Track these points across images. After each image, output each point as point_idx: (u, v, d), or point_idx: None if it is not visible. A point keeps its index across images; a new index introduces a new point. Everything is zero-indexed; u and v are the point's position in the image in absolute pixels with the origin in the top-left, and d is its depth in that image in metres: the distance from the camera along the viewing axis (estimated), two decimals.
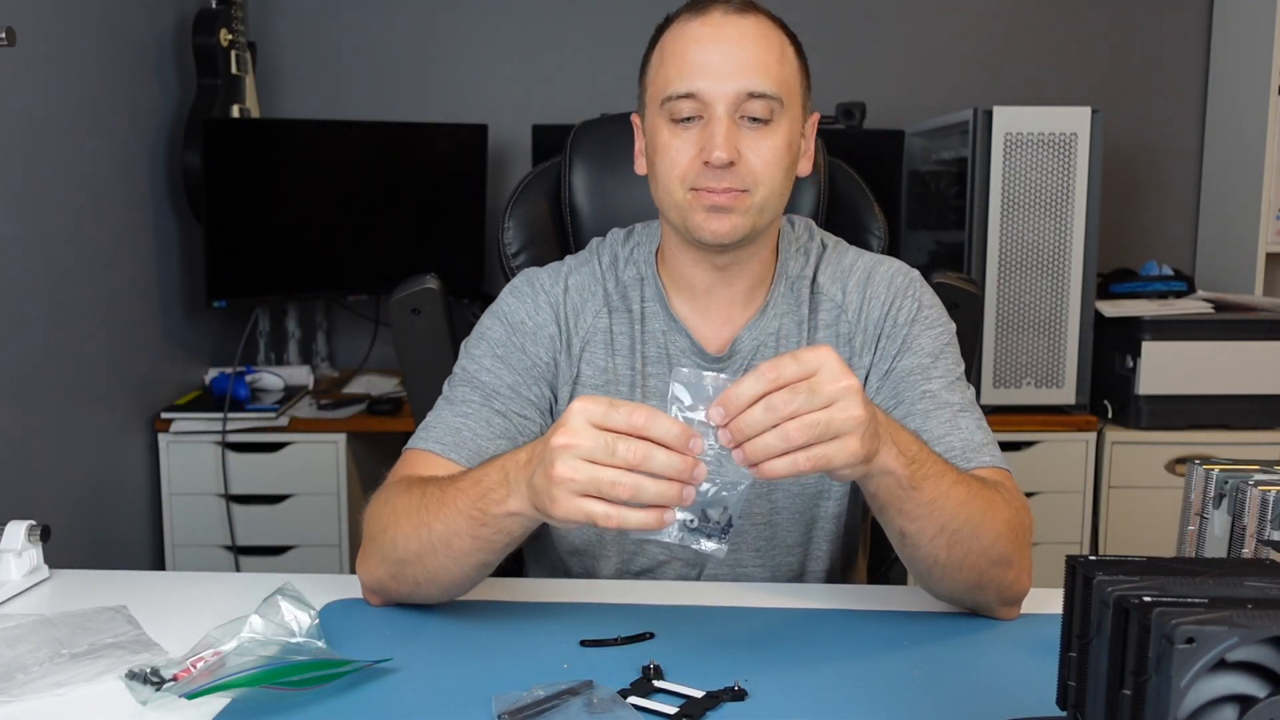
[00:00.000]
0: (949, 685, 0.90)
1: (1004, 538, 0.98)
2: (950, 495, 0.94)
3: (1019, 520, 1.01)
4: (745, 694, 0.86)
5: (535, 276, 1.22)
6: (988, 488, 1.00)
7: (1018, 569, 1.01)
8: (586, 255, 1.24)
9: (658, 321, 1.18)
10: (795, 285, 1.19)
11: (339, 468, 2.48)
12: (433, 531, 0.96)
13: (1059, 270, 2.45)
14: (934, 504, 0.93)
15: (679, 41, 1.09)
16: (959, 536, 0.95)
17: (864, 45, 2.97)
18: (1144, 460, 2.51)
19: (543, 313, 1.18)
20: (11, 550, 1.11)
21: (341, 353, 3.01)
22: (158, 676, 0.87)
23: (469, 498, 0.93)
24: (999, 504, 0.99)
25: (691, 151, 1.07)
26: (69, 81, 2.15)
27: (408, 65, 2.96)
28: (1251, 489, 0.95)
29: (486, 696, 0.85)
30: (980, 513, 0.96)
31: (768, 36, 1.08)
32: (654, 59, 1.12)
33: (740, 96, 1.06)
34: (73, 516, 2.17)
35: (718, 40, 1.07)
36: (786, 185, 1.11)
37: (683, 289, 1.18)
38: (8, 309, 1.94)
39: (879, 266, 1.20)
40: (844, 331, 1.18)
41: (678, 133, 1.08)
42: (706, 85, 1.06)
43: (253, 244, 2.55)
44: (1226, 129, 2.88)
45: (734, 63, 1.06)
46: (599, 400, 0.83)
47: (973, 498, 0.96)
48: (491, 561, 0.98)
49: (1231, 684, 0.55)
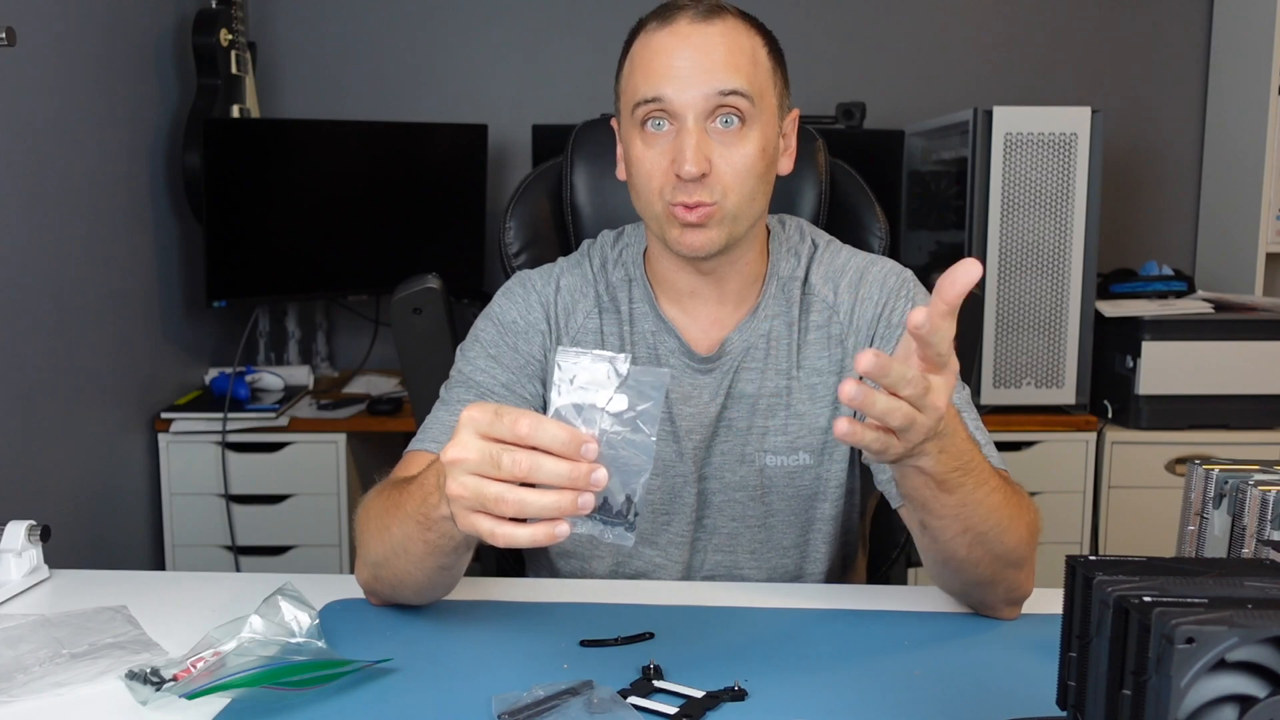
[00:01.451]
0: (949, 685, 0.90)
1: (1024, 542, 0.98)
2: (984, 502, 0.93)
3: (1036, 524, 1.02)
4: (745, 694, 0.86)
5: (527, 277, 1.23)
6: (1018, 493, 1.00)
7: (1028, 571, 1.02)
8: (578, 257, 1.24)
9: (647, 322, 1.19)
10: (786, 286, 1.19)
11: (339, 468, 2.49)
12: (392, 535, 0.96)
13: (1059, 270, 2.45)
14: (964, 507, 0.92)
15: (645, 51, 1.09)
16: (982, 539, 0.95)
17: (864, 45, 2.97)
18: (1144, 460, 2.51)
19: (534, 312, 1.19)
20: (11, 550, 1.11)
21: (341, 353, 3.01)
22: (158, 676, 0.87)
23: (415, 502, 0.92)
24: (1025, 508, 1.00)
25: (664, 163, 1.07)
26: (69, 81, 2.15)
27: (408, 65, 2.96)
28: (1251, 489, 0.95)
29: (486, 696, 0.85)
30: (1009, 519, 0.96)
31: (735, 39, 1.08)
32: (625, 67, 1.13)
33: (709, 100, 1.05)
34: (73, 516, 2.17)
35: (684, 47, 1.06)
36: (761, 189, 1.11)
37: (669, 291, 1.18)
38: (8, 309, 1.94)
39: (871, 267, 1.19)
40: (835, 333, 1.18)
41: (651, 143, 1.08)
42: (673, 91, 1.05)
43: (253, 244, 2.55)
44: (1226, 129, 2.88)
45: (700, 67, 1.05)
46: (485, 408, 0.79)
47: (1005, 504, 0.95)
48: (448, 565, 0.97)
49: (1231, 684, 0.55)
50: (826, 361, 1.17)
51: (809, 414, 1.16)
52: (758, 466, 1.17)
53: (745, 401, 1.17)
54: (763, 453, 1.16)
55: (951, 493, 0.90)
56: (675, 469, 1.17)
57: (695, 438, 1.17)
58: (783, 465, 1.17)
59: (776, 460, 1.17)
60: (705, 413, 1.16)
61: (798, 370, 1.17)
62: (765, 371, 1.17)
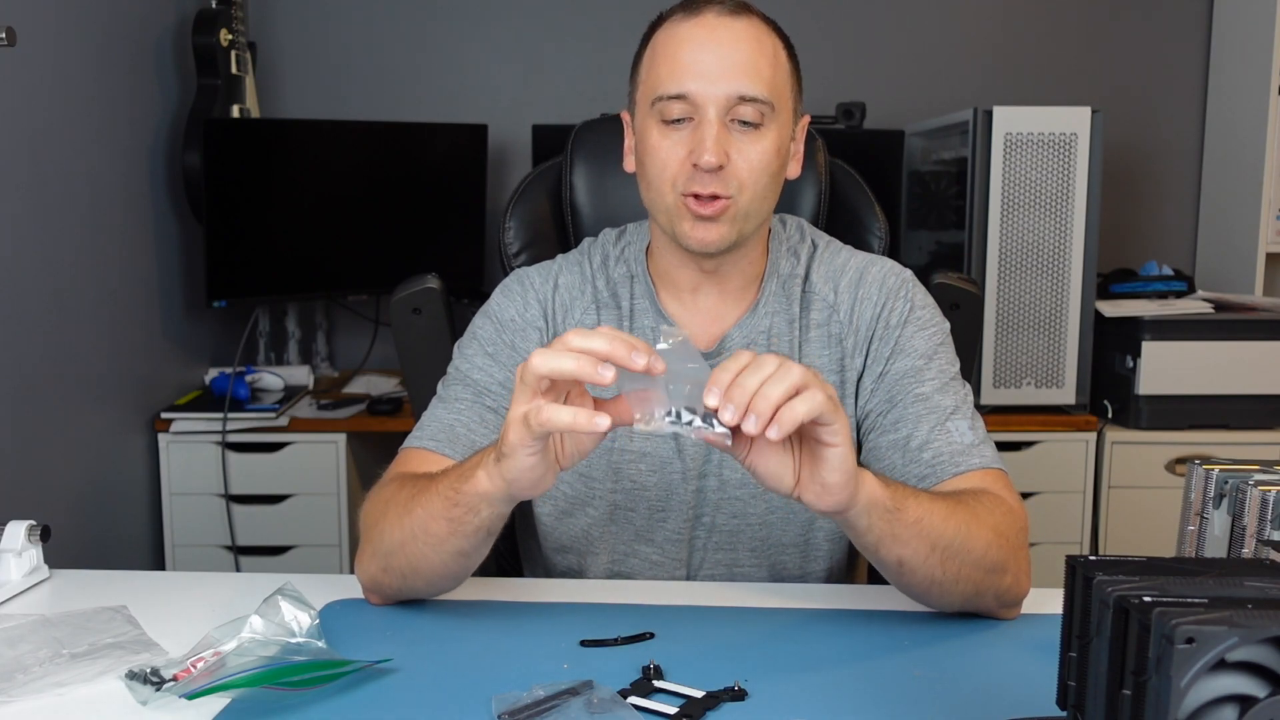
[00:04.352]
0: (949, 685, 0.90)
1: (994, 545, 0.98)
2: (933, 511, 0.95)
3: (1010, 524, 1.01)
4: (745, 694, 0.86)
5: (525, 275, 1.23)
6: (965, 499, 1.00)
7: (1014, 573, 1.01)
8: (578, 255, 1.25)
9: (646, 318, 1.19)
10: (787, 284, 1.19)
11: (339, 468, 2.49)
12: (413, 518, 0.97)
13: (1059, 270, 2.45)
14: (921, 522, 0.94)
15: (671, 42, 1.09)
16: (951, 551, 0.96)
17: (864, 45, 2.97)
18: (1144, 460, 2.51)
19: (531, 309, 1.19)
20: (11, 550, 1.11)
21: (341, 353, 3.01)
22: (158, 676, 0.87)
23: (449, 480, 0.95)
24: (983, 512, 0.99)
25: (681, 153, 1.07)
26: (69, 81, 2.15)
27: (408, 65, 2.96)
28: (1251, 489, 0.95)
29: (486, 696, 0.85)
30: (966, 524, 0.97)
31: (760, 40, 1.08)
32: (645, 57, 1.12)
33: (731, 99, 1.06)
34: (73, 516, 2.17)
35: (710, 42, 1.06)
36: (773, 189, 1.11)
37: (670, 286, 1.19)
38: (8, 309, 1.94)
39: (871, 267, 1.20)
40: (835, 332, 1.18)
41: (667, 134, 1.08)
42: (698, 87, 1.06)
43: (253, 244, 2.55)
44: (1226, 129, 2.88)
45: (726, 65, 1.06)
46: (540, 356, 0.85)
47: (954, 511, 0.97)
48: (467, 551, 0.98)
49: (1231, 684, 0.55)
50: (827, 360, 1.17)
51: None
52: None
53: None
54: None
55: (903, 508, 0.93)
56: (671, 465, 1.17)
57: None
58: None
59: None
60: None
61: None
62: None
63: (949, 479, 1.05)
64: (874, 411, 1.14)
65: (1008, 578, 1.00)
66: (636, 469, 1.17)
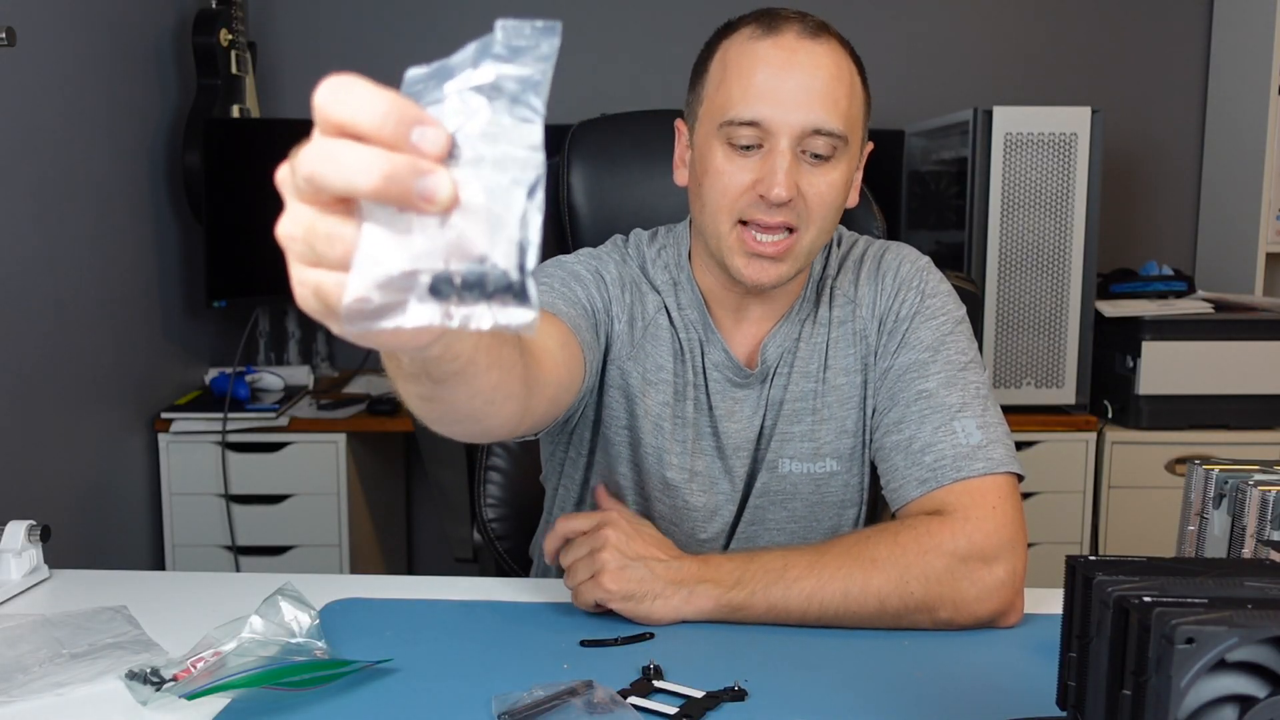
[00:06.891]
0: (949, 685, 0.90)
1: (897, 594, 0.97)
2: (857, 570, 0.97)
3: (943, 561, 0.97)
4: (745, 694, 0.86)
5: (618, 249, 1.18)
6: (883, 540, 0.99)
7: (952, 605, 0.98)
8: (618, 255, 1.18)
9: (695, 330, 1.15)
10: (816, 284, 1.17)
11: (339, 468, 2.48)
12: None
13: (1059, 270, 2.45)
14: (775, 609, 0.97)
15: (745, 59, 1.02)
16: (903, 598, 0.97)
17: (864, 45, 2.93)
18: (1144, 460, 2.51)
19: (625, 278, 1.15)
20: (11, 550, 1.11)
21: (341, 353, 3.01)
22: (158, 676, 0.87)
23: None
24: (899, 555, 0.98)
25: (746, 180, 1.02)
26: (69, 81, 2.15)
27: (407, 65, 2.95)
28: (1251, 489, 0.95)
29: (486, 696, 0.85)
30: (898, 571, 0.97)
31: (840, 66, 1.03)
32: (714, 70, 1.06)
33: (806, 130, 1.01)
34: (73, 516, 2.17)
35: (789, 66, 1.01)
36: (835, 222, 1.07)
37: (715, 297, 1.15)
38: (8, 309, 1.94)
39: (886, 255, 1.17)
40: (859, 329, 1.15)
41: (733, 158, 1.02)
42: (772, 114, 1.00)
43: (253, 244, 2.54)
44: (1226, 129, 2.88)
45: (804, 93, 1.00)
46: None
47: (873, 561, 0.97)
48: (474, 390, 0.78)
49: (1231, 684, 0.55)
50: (851, 360, 1.15)
51: (836, 418, 1.14)
52: (782, 472, 1.15)
53: (779, 409, 1.14)
54: (788, 459, 1.14)
55: (749, 606, 0.98)
56: (718, 486, 1.15)
57: (742, 455, 1.15)
58: (809, 472, 1.15)
59: (803, 467, 1.15)
60: (750, 427, 1.14)
61: (825, 372, 1.15)
62: (793, 376, 1.14)
63: (948, 484, 1.03)
64: (879, 409, 1.12)
65: (942, 612, 0.98)
66: (689, 488, 1.15)
